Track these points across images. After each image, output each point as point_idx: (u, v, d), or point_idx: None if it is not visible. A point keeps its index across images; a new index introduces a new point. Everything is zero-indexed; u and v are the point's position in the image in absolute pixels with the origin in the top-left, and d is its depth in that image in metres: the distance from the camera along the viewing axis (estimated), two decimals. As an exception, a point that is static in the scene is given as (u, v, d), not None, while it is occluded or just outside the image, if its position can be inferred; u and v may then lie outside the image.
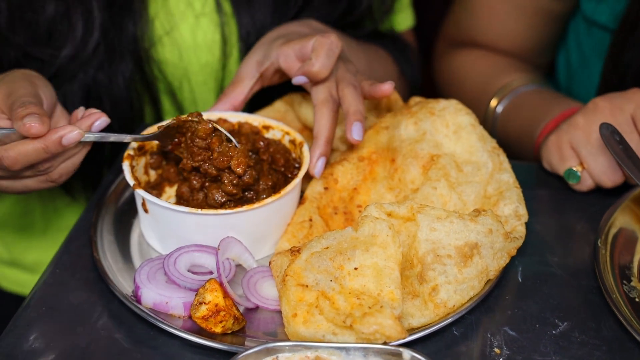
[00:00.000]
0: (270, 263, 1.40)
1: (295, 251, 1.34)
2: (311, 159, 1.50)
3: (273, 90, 1.78)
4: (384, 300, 1.27)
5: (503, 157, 1.54)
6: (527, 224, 1.54)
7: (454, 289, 1.33)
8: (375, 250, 1.31)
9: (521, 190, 1.50)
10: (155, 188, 1.56)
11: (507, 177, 1.51)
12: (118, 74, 1.81)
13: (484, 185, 1.51)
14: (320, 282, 1.29)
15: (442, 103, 1.58)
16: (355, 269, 1.30)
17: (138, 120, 1.91)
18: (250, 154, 1.56)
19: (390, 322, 1.23)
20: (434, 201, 1.45)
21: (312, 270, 1.30)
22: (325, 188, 1.53)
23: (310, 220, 1.49)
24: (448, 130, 1.55)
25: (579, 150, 1.60)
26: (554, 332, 1.34)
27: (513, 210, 1.46)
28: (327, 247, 1.31)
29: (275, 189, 1.50)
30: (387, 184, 1.54)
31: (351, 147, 1.59)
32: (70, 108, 1.68)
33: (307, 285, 1.29)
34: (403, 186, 1.52)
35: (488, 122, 1.97)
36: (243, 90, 1.64)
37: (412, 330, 1.30)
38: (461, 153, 1.54)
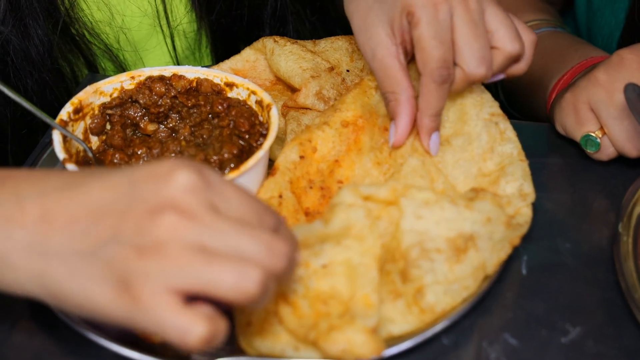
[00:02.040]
0: None
1: None
2: (422, 138, 1.25)
3: (240, 35, 1.54)
4: (357, 307, 1.05)
5: (505, 125, 1.29)
6: (535, 201, 1.31)
7: (444, 290, 1.11)
8: (349, 243, 1.09)
9: (528, 164, 1.27)
10: (99, 159, 1.32)
11: (511, 148, 1.27)
12: (34, 37, 1.55)
13: (477, 162, 1.27)
14: (280, 283, 1.06)
15: None
16: (324, 266, 1.08)
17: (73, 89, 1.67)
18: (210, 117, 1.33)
19: (361, 337, 1.01)
20: (416, 183, 1.21)
21: None
22: (301, 157, 1.29)
23: (280, 196, 1.26)
24: None
25: (600, 112, 1.36)
26: (563, 340, 1.13)
27: (517, 188, 1.23)
28: None
29: (241, 157, 1.27)
30: (375, 158, 1.30)
31: (332, 107, 1.34)
32: None
33: None
34: (393, 162, 1.29)
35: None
36: (404, 87, 1.24)
37: (392, 341, 1.09)
38: (454, 121, 1.30)
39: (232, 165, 1.26)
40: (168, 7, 1.64)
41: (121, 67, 1.70)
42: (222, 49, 1.56)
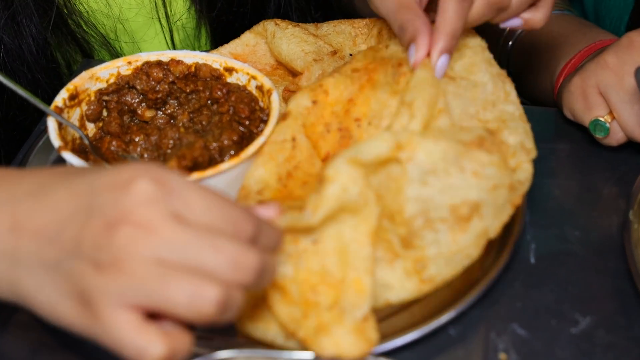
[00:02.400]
0: None
1: None
2: (432, 55, 1.19)
3: (241, 31, 1.50)
4: (347, 293, 1.01)
5: (510, 88, 1.25)
6: (543, 187, 1.29)
7: (446, 262, 1.08)
8: (342, 216, 1.03)
9: (530, 126, 1.22)
10: (95, 146, 1.29)
11: (513, 109, 1.23)
12: (27, 36, 1.50)
13: (478, 105, 1.22)
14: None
15: None
16: (315, 242, 1.03)
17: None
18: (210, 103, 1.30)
19: (350, 339, 0.97)
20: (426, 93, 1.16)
21: None
22: (314, 102, 1.23)
23: (294, 139, 1.20)
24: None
25: (609, 96, 1.32)
26: (573, 330, 1.09)
27: (519, 141, 1.19)
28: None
29: (242, 144, 1.24)
30: (391, 89, 1.23)
31: (343, 63, 1.29)
32: None
33: None
34: None
35: (497, 56, 1.67)
36: (420, 14, 1.21)
37: (389, 307, 1.08)
38: (461, 69, 1.25)
39: (232, 152, 1.22)
40: (167, 0, 1.60)
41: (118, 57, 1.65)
42: (222, 44, 1.52)
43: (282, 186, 1.17)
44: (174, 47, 1.68)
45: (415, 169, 1.05)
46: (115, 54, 1.64)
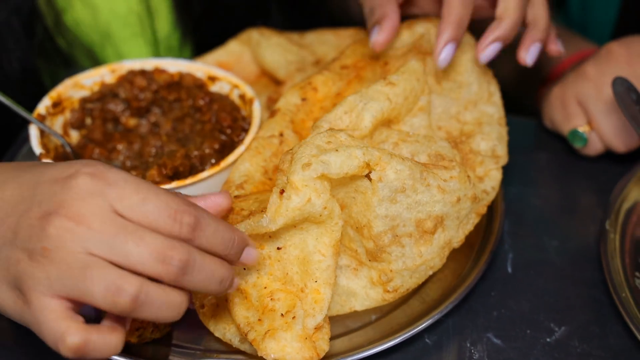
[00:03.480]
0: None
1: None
2: (437, 45, 1.19)
3: (227, 26, 1.50)
4: (305, 301, 1.02)
5: (494, 89, 1.27)
6: (522, 197, 1.30)
7: (410, 274, 1.10)
8: (306, 225, 1.04)
9: (507, 130, 1.23)
10: (78, 153, 1.30)
11: (493, 110, 1.24)
12: (11, 59, 1.49)
13: (460, 106, 1.24)
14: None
15: None
16: (279, 248, 1.04)
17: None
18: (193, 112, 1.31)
19: (295, 345, 0.99)
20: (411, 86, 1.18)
21: None
22: (303, 99, 1.25)
23: (282, 135, 1.22)
24: None
25: (588, 107, 1.33)
26: (548, 339, 1.10)
27: (490, 147, 1.21)
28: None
29: (223, 152, 1.25)
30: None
31: (331, 59, 1.31)
32: None
33: None
34: None
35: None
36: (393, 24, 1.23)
37: (354, 313, 1.10)
38: (450, 67, 1.26)
39: (213, 160, 1.23)
40: (153, 14, 1.60)
41: None
42: (206, 35, 1.53)
43: (267, 179, 1.18)
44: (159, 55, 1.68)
45: (385, 188, 1.05)
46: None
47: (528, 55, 1.22)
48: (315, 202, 1.00)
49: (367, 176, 1.05)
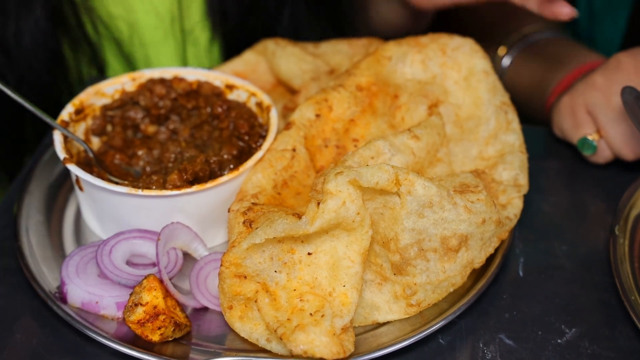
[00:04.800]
0: (229, 210, 1.18)
1: (247, 223, 1.12)
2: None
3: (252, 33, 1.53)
4: (333, 303, 1.06)
5: (512, 116, 1.31)
6: (533, 204, 1.32)
7: (433, 289, 1.12)
8: (337, 232, 1.08)
9: (527, 157, 1.28)
10: (100, 159, 1.33)
11: (514, 139, 1.29)
12: (25, 32, 1.54)
13: (481, 144, 1.29)
14: (262, 271, 1.08)
15: (457, 41, 1.35)
16: (309, 254, 1.08)
17: (77, 84, 1.65)
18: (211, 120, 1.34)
19: (324, 339, 1.02)
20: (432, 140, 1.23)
21: (254, 257, 1.08)
22: (317, 115, 1.29)
23: (294, 150, 1.25)
24: (459, 76, 1.33)
25: (597, 116, 1.36)
26: (559, 340, 1.13)
27: (512, 177, 1.25)
28: (274, 238, 1.08)
29: (241, 158, 1.28)
30: (389, 121, 1.31)
31: (347, 72, 1.34)
32: None
33: (245, 276, 1.09)
34: (406, 126, 1.30)
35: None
36: None
37: (377, 325, 1.12)
38: (468, 105, 1.32)
39: (231, 166, 1.26)
40: (184, 12, 1.64)
41: (128, 65, 1.69)
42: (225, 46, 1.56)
43: (276, 193, 1.21)
44: (186, 58, 1.72)
45: (414, 202, 1.08)
46: (126, 60, 1.67)
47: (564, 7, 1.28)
48: (349, 207, 1.04)
49: (396, 193, 1.09)
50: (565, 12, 1.30)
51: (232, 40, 1.67)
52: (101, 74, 1.65)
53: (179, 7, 1.61)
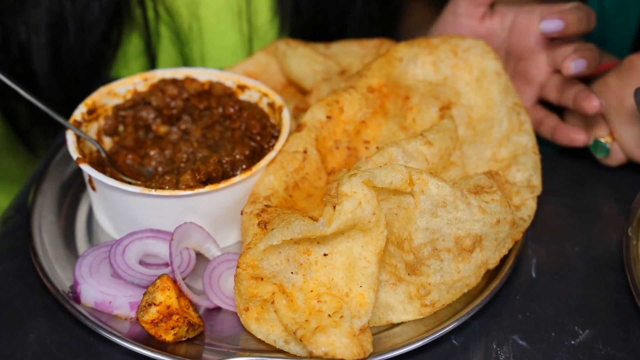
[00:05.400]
0: (242, 212, 1.18)
1: (262, 225, 1.12)
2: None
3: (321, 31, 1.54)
4: (350, 304, 1.06)
5: (525, 117, 1.31)
6: (545, 205, 1.32)
7: (447, 289, 1.12)
8: (353, 233, 1.08)
9: (540, 158, 1.28)
10: (112, 159, 1.33)
11: (526, 140, 1.29)
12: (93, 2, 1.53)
13: (494, 146, 1.29)
14: (279, 273, 1.08)
15: (468, 42, 1.35)
16: (325, 255, 1.08)
17: (120, 66, 1.64)
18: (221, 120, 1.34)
19: (344, 341, 1.02)
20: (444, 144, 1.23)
21: (270, 258, 1.08)
22: (328, 117, 1.29)
23: (305, 152, 1.25)
24: (470, 77, 1.33)
25: (610, 118, 1.36)
26: (572, 342, 1.13)
27: (526, 178, 1.25)
28: (290, 239, 1.08)
29: (253, 158, 1.28)
30: (400, 123, 1.31)
31: (358, 73, 1.34)
32: (33, 34, 1.48)
33: (262, 278, 1.08)
34: (418, 127, 1.31)
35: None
36: None
37: (391, 326, 1.12)
38: (480, 106, 1.32)
39: (244, 166, 1.26)
40: (252, 6, 1.61)
41: (181, 58, 1.67)
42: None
43: (287, 195, 1.21)
44: (252, 54, 1.70)
45: (427, 201, 1.09)
46: (180, 53, 1.66)
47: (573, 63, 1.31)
48: (365, 207, 1.05)
49: (410, 193, 1.09)
50: (580, 139, 1.36)
51: (301, 36, 1.66)
52: (151, 62, 1.64)
53: (247, 1, 1.60)
